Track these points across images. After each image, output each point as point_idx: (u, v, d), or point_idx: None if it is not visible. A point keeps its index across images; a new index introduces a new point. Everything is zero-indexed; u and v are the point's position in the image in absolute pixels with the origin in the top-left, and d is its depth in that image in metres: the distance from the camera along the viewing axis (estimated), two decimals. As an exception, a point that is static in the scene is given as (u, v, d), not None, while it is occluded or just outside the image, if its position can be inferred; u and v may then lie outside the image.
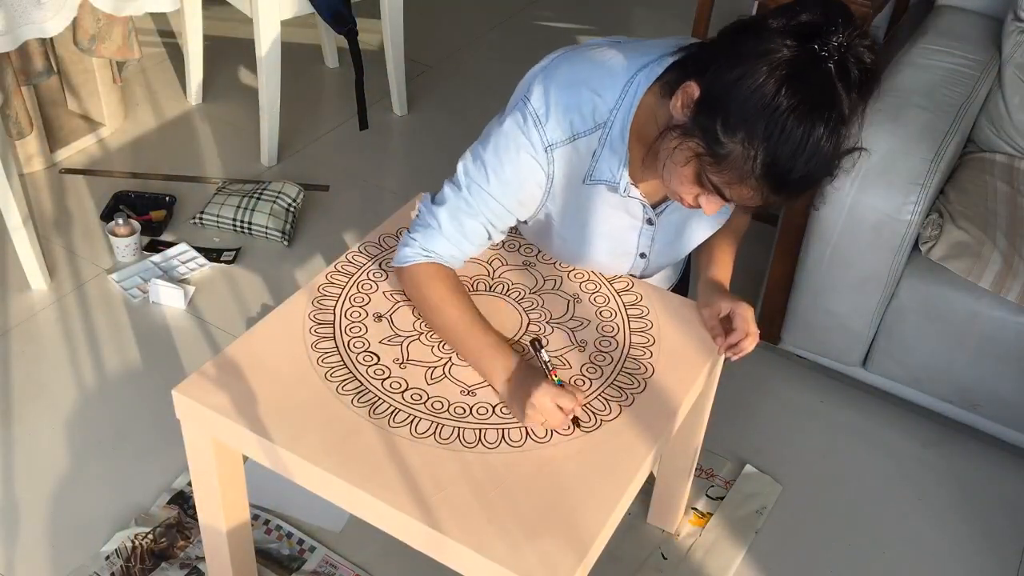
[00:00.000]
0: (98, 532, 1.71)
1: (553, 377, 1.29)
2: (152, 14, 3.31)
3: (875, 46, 1.13)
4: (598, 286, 1.51)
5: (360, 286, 1.47)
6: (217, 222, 2.40)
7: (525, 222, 1.47)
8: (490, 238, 1.40)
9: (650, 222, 1.43)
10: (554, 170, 1.34)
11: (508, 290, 1.49)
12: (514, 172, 1.34)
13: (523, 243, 1.58)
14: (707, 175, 1.19)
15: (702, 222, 1.46)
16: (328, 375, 1.32)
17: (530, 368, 1.30)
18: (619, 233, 1.44)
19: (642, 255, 1.49)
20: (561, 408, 1.24)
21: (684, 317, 1.47)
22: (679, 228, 1.47)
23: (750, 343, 1.40)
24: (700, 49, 1.27)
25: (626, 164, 1.33)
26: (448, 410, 1.29)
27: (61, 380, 2.00)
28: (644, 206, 1.40)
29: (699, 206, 1.26)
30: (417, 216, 1.41)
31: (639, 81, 1.30)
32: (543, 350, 1.33)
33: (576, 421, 1.27)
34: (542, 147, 1.32)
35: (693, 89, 1.18)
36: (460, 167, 1.38)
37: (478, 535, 1.14)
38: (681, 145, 1.19)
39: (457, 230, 1.37)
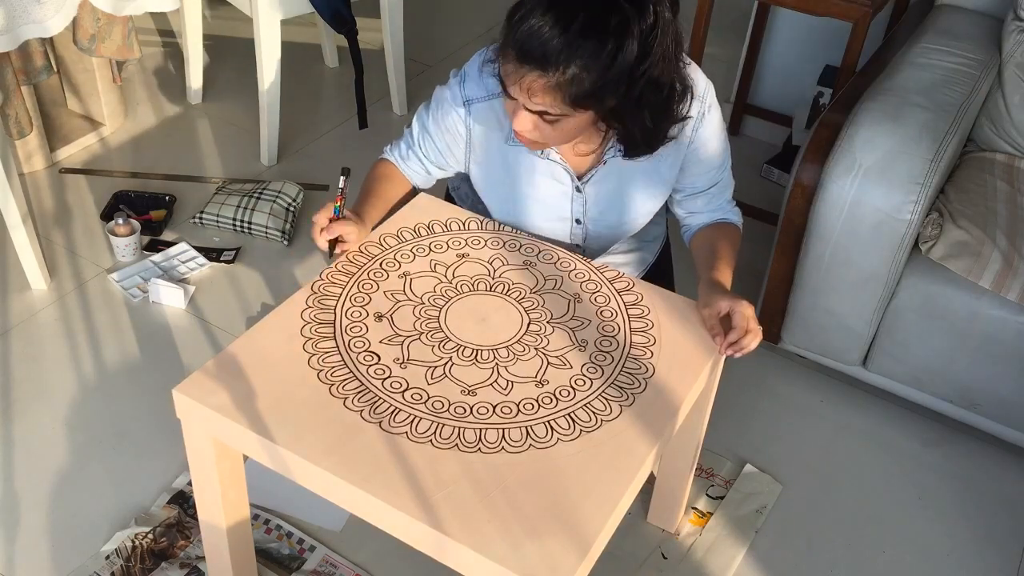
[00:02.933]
0: (98, 532, 1.71)
1: (335, 203, 1.47)
2: (152, 14, 3.31)
3: None
4: (599, 286, 1.52)
5: (360, 286, 1.47)
6: (217, 222, 2.40)
7: (466, 177, 1.65)
8: (428, 173, 1.63)
9: (578, 189, 1.54)
10: (472, 124, 1.52)
11: (508, 290, 1.49)
12: (440, 118, 1.54)
13: (523, 243, 1.58)
14: (500, 73, 1.34)
15: (638, 191, 1.56)
16: (328, 375, 1.32)
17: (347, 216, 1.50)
18: (551, 200, 1.56)
19: (577, 221, 1.59)
20: (314, 222, 1.46)
21: (685, 317, 1.47)
22: (612, 197, 1.56)
23: (751, 340, 1.41)
24: None
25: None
26: (448, 410, 1.29)
27: (61, 380, 2.00)
28: (567, 170, 1.52)
29: (517, 128, 1.37)
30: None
31: None
32: (342, 178, 1.49)
33: (331, 246, 1.48)
34: (461, 100, 1.51)
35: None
36: (422, 106, 1.60)
37: (478, 535, 1.14)
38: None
39: (407, 152, 1.63)
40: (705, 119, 1.52)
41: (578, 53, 1.26)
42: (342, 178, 1.48)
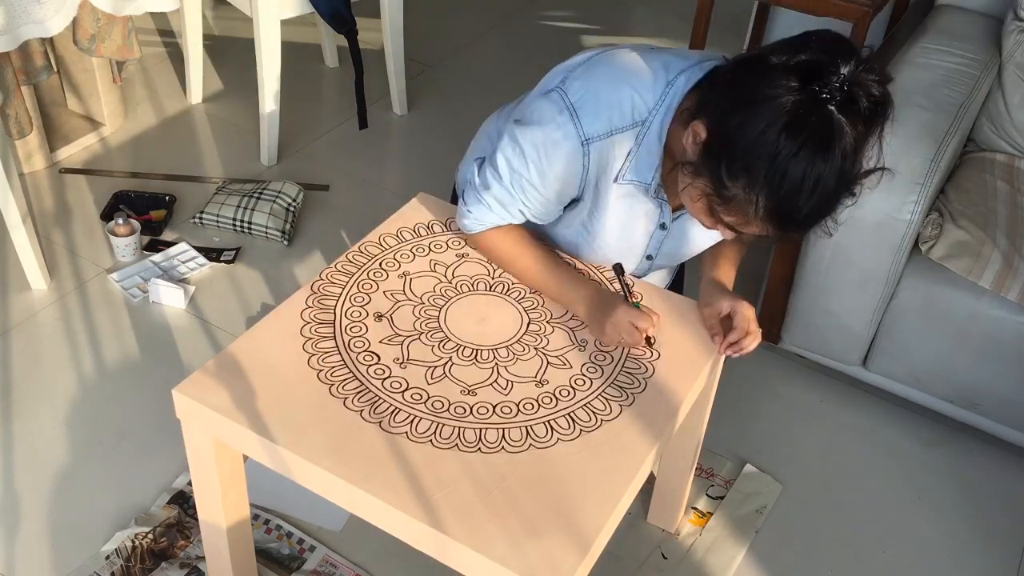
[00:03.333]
0: (98, 532, 1.71)
1: (632, 300, 1.40)
2: (152, 14, 3.31)
3: (884, 76, 1.14)
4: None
5: (360, 285, 1.47)
6: (217, 222, 2.40)
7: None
8: (536, 218, 1.46)
9: (663, 227, 1.46)
10: (589, 163, 1.36)
11: (508, 290, 1.49)
12: (550, 166, 1.36)
13: (523, 243, 1.58)
14: (718, 213, 1.23)
15: (708, 231, 1.45)
16: (328, 374, 1.32)
17: (609, 293, 1.42)
18: (632, 236, 1.47)
19: (648, 257, 1.52)
20: (637, 328, 1.35)
21: (684, 317, 1.47)
22: (686, 234, 1.49)
23: (751, 341, 1.41)
24: (711, 81, 1.29)
25: (660, 167, 1.35)
26: (448, 410, 1.29)
27: (61, 380, 1.99)
28: (663, 210, 1.43)
29: (706, 226, 1.31)
30: (470, 186, 1.47)
31: (679, 84, 1.31)
32: (624, 274, 1.44)
33: (649, 340, 1.38)
34: (579, 140, 1.33)
35: (700, 129, 1.21)
36: (501, 158, 1.40)
37: (479, 534, 1.14)
38: (692, 183, 1.24)
39: (505, 210, 1.44)
40: None
41: (838, 207, 1.19)
42: (625, 275, 1.45)
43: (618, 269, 1.44)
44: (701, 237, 1.50)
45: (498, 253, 1.48)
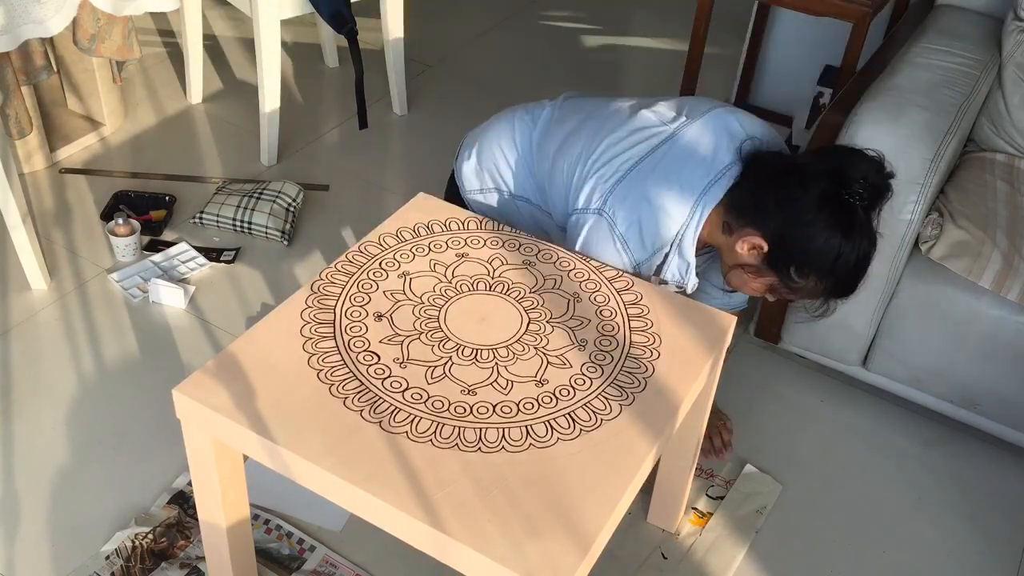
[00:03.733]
0: (98, 532, 1.71)
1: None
2: (152, 14, 3.31)
3: (883, 170, 1.50)
4: (598, 285, 1.52)
5: (360, 285, 1.47)
6: (217, 222, 2.40)
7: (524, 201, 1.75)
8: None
9: (680, 287, 1.64)
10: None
11: (508, 289, 1.49)
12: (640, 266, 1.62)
13: (523, 243, 1.58)
14: (780, 293, 1.56)
15: (712, 279, 1.78)
16: (328, 374, 1.32)
17: None
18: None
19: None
20: None
21: (685, 317, 1.47)
22: (696, 289, 1.70)
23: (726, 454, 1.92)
24: (747, 190, 1.54)
25: (693, 268, 1.58)
26: (449, 409, 1.29)
27: (61, 380, 1.99)
28: (687, 283, 1.63)
29: (750, 294, 1.62)
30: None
31: (705, 203, 1.54)
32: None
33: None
34: (631, 265, 1.58)
35: (759, 242, 1.50)
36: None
37: (479, 534, 1.14)
38: (756, 278, 1.55)
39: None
40: None
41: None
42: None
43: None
44: (707, 284, 1.78)
45: None
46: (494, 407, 1.30)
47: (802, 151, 1.88)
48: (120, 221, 2.26)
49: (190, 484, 1.78)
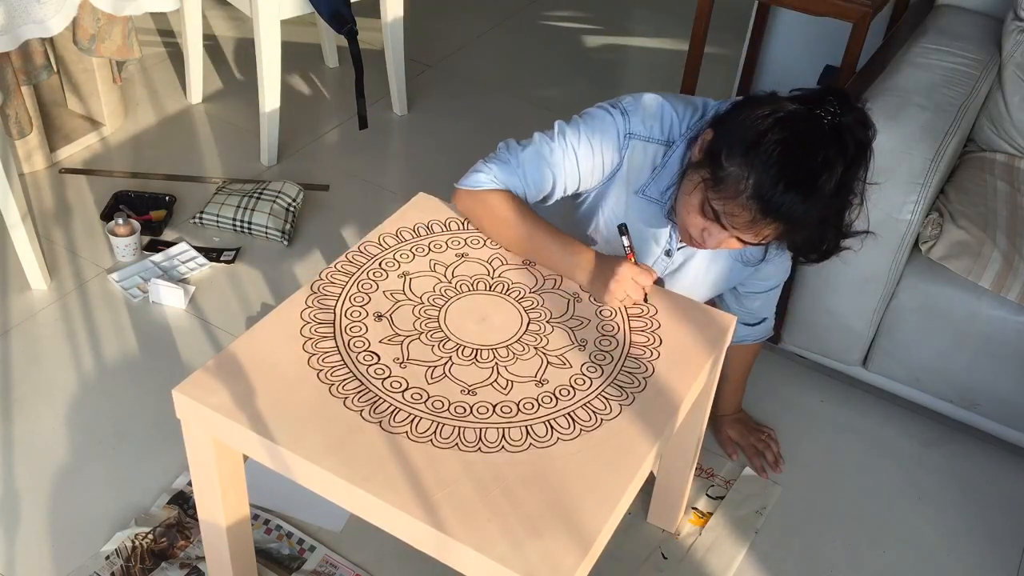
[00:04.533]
0: (98, 532, 1.71)
1: (631, 259, 1.45)
2: (152, 14, 3.31)
3: (868, 124, 1.33)
4: (598, 285, 1.51)
5: (360, 285, 1.47)
6: (217, 222, 2.40)
7: (581, 201, 1.61)
8: (552, 194, 1.54)
9: (669, 253, 1.59)
10: (624, 158, 1.52)
11: (508, 289, 1.49)
12: (599, 141, 1.51)
13: (523, 243, 1.58)
14: (709, 202, 1.36)
15: (712, 274, 1.63)
16: (328, 374, 1.32)
17: (608, 255, 1.47)
18: (642, 255, 1.60)
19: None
20: (639, 283, 1.43)
21: (685, 316, 1.47)
22: (688, 270, 1.63)
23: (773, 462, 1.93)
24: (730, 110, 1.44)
25: (675, 192, 1.48)
26: (449, 409, 1.29)
27: (61, 380, 1.99)
28: (672, 236, 1.56)
29: (703, 242, 1.43)
30: (494, 153, 1.54)
31: (707, 116, 1.48)
32: (626, 235, 1.46)
33: (645, 297, 1.46)
34: (624, 132, 1.50)
35: (708, 134, 1.39)
36: (556, 125, 1.53)
37: (479, 534, 1.14)
38: (693, 176, 1.40)
39: (531, 172, 1.51)
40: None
41: (817, 214, 1.33)
42: (626, 236, 1.47)
43: (622, 228, 1.47)
44: (701, 287, 1.65)
45: (499, 211, 1.50)
46: (494, 407, 1.30)
47: None
48: (120, 221, 2.26)
49: (190, 484, 1.78)
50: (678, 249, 1.59)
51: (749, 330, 1.79)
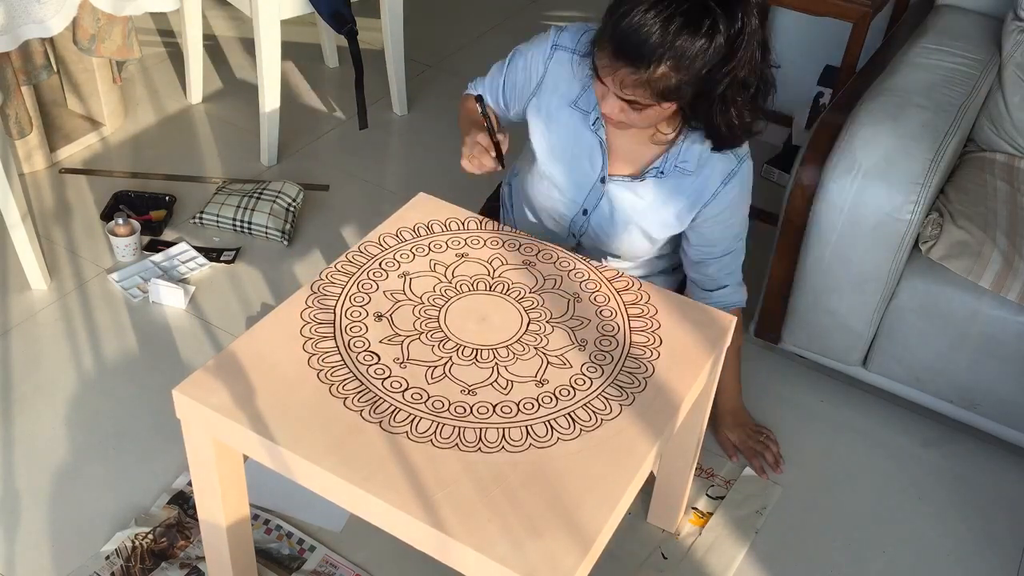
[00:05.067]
0: (98, 532, 1.71)
1: (484, 124, 1.57)
2: (152, 14, 3.31)
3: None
4: (598, 285, 1.52)
5: (360, 285, 1.47)
6: (217, 222, 2.40)
7: (525, 120, 1.71)
8: (507, 103, 1.72)
9: (603, 180, 1.62)
10: (549, 68, 1.63)
11: (508, 289, 1.49)
12: (530, 50, 1.67)
13: (523, 243, 1.58)
14: (594, 61, 1.44)
15: (647, 215, 1.64)
16: (328, 374, 1.32)
17: (482, 125, 1.61)
18: (576, 177, 1.65)
19: (584, 211, 1.67)
20: (479, 142, 1.56)
21: (685, 316, 1.47)
22: (624, 207, 1.64)
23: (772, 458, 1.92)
24: None
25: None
26: (449, 409, 1.29)
27: (61, 380, 1.99)
28: (604, 158, 1.60)
29: (604, 109, 1.48)
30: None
31: None
32: (482, 106, 1.59)
33: (501, 162, 1.58)
34: (550, 44, 1.63)
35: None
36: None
37: (479, 534, 1.14)
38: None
39: (490, 82, 1.75)
40: (735, 178, 1.63)
41: (670, 53, 1.36)
42: (486, 106, 1.62)
43: (481, 101, 1.60)
44: (639, 220, 1.65)
45: (460, 109, 1.79)
46: (494, 407, 1.30)
47: (802, 151, 1.88)
48: (120, 221, 2.26)
49: (190, 484, 1.78)
50: (611, 180, 1.63)
51: (707, 294, 1.75)
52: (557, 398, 1.32)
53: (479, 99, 1.61)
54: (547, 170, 1.67)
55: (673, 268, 1.85)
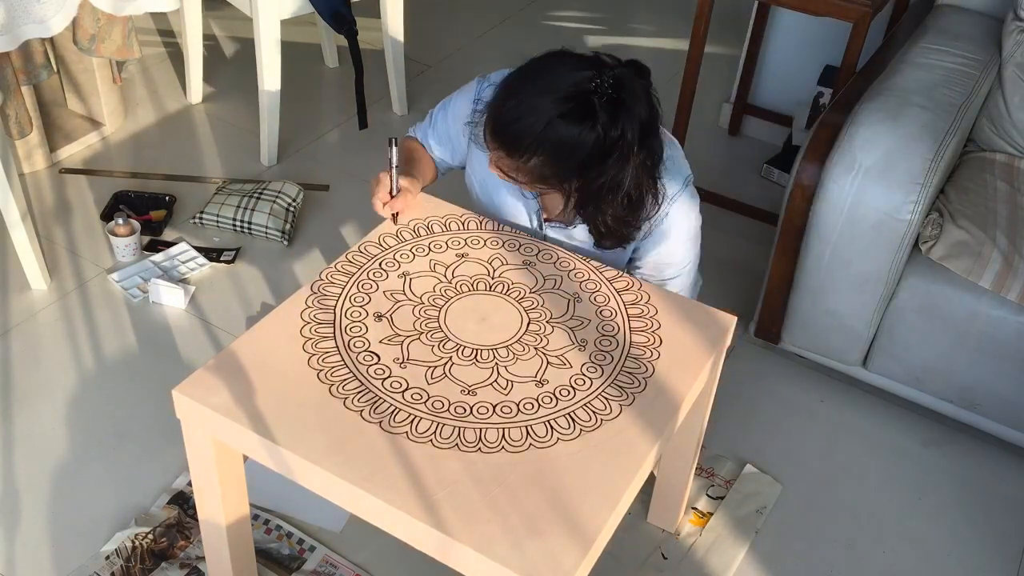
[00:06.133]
0: (98, 532, 1.71)
1: (392, 171, 1.55)
2: (152, 14, 3.31)
3: (643, 91, 1.42)
4: (598, 285, 1.52)
5: (360, 285, 1.47)
6: (217, 222, 2.40)
7: (463, 168, 1.73)
8: (443, 154, 1.73)
9: (541, 227, 1.64)
10: (478, 122, 1.57)
11: (508, 290, 1.49)
12: (455, 107, 1.67)
13: (523, 243, 1.58)
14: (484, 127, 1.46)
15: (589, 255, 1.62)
16: (328, 374, 1.32)
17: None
18: (519, 221, 1.65)
19: (540, 227, 1.66)
20: (376, 191, 1.58)
21: (685, 316, 1.47)
22: (568, 245, 1.63)
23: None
24: None
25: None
26: (448, 410, 1.29)
27: (61, 380, 1.99)
28: (538, 216, 1.62)
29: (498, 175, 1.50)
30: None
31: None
32: (393, 149, 1.54)
33: (394, 217, 1.59)
34: (473, 98, 1.61)
35: None
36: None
37: (479, 534, 1.14)
38: None
39: (429, 131, 1.73)
40: (665, 221, 1.56)
41: (545, 147, 1.38)
42: (393, 149, 1.53)
43: (390, 141, 1.56)
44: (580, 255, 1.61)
45: (404, 146, 1.75)
46: (494, 407, 1.30)
47: (802, 151, 1.88)
48: (120, 221, 2.26)
49: (190, 484, 1.78)
50: (547, 220, 1.63)
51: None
52: (557, 398, 1.32)
53: (390, 141, 1.57)
54: (490, 212, 1.70)
55: None
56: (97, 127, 2.70)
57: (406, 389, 1.31)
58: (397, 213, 1.59)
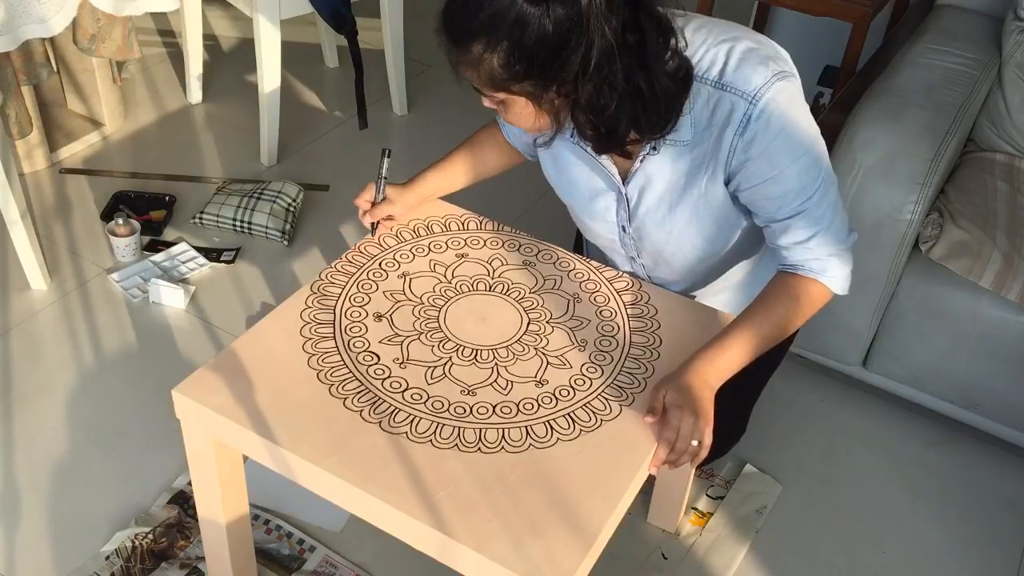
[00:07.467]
0: (98, 532, 1.71)
1: (379, 182, 1.55)
2: (152, 14, 3.31)
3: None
4: (598, 286, 1.52)
5: (360, 285, 1.47)
6: (217, 222, 2.40)
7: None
8: (520, 134, 1.61)
9: (622, 193, 1.45)
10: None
11: (508, 290, 1.49)
12: None
13: (523, 243, 1.58)
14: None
15: (680, 206, 1.41)
16: (328, 375, 1.32)
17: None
18: (599, 200, 1.49)
19: (623, 228, 1.51)
20: (359, 200, 1.55)
21: (685, 316, 1.47)
22: (656, 206, 1.43)
23: (685, 459, 1.26)
24: None
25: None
26: (448, 410, 1.29)
27: (61, 380, 2.00)
28: (606, 167, 1.43)
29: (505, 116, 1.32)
30: None
31: None
32: (385, 159, 1.54)
33: (372, 227, 1.57)
34: None
35: None
36: None
37: (480, 534, 1.14)
38: None
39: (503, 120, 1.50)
40: (755, 122, 1.29)
41: (484, 33, 1.19)
42: (385, 160, 1.53)
43: (383, 152, 1.55)
44: (676, 216, 1.42)
45: (474, 138, 1.68)
46: (494, 407, 1.30)
47: None
48: (120, 221, 2.26)
49: (190, 484, 1.78)
50: (626, 184, 1.43)
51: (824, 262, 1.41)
52: (557, 398, 1.32)
53: (383, 152, 1.52)
54: (577, 213, 1.56)
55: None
56: (97, 127, 2.70)
57: (406, 389, 1.31)
58: (376, 223, 1.56)
